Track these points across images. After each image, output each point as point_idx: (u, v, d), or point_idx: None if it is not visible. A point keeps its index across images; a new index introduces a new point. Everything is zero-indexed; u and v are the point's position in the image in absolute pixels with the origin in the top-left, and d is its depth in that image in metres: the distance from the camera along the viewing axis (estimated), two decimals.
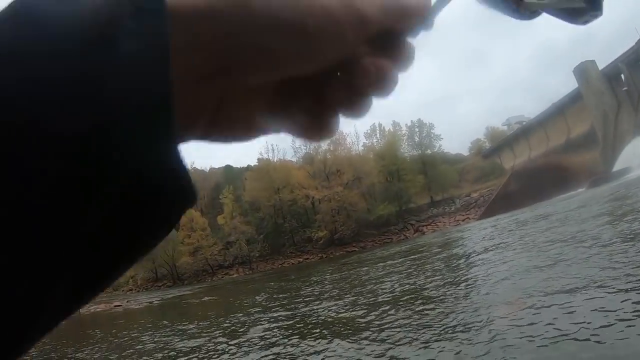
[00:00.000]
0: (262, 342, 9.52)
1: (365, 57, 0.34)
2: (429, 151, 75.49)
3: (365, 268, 23.15)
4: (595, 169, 51.24)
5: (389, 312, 9.55)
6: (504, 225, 27.52)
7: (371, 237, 62.35)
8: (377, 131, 76.02)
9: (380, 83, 0.35)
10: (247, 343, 9.86)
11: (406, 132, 75.88)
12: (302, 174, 69.71)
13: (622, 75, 54.71)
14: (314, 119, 0.35)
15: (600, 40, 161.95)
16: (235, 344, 10.05)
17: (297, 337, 9.33)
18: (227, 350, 9.60)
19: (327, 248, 62.20)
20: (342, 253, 57.45)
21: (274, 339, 9.63)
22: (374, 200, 67.16)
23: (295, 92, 0.35)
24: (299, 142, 50.95)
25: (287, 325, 11.05)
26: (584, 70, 57.73)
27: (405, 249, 30.81)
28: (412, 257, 22.84)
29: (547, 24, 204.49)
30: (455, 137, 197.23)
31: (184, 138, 0.33)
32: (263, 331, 10.86)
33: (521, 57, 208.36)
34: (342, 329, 9.04)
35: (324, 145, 72.72)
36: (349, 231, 62.52)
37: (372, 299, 11.83)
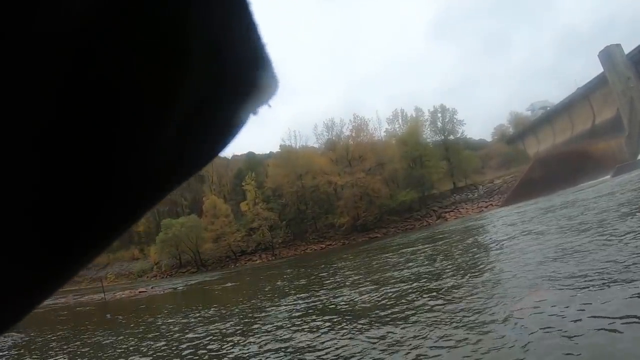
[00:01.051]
0: (281, 329, 9.69)
1: None
2: (451, 137, 74.94)
3: (388, 254, 23.25)
4: (621, 156, 50.37)
5: (410, 300, 9.67)
6: (528, 212, 27.36)
7: (393, 224, 62.29)
8: (400, 117, 75.74)
9: None
10: (266, 329, 10.05)
11: (429, 117, 75.41)
12: (324, 160, 69.73)
13: None
14: None
15: (624, 24, 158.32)
16: (255, 329, 10.25)
17: (317, 323, 9.49)
18: (245, 335, 9.80)
19: (349, 234, 62.32)
20: (364, 239, 57.58)
21: (293, 326, 9.80)
22: (396, 186, 67.09)
23: None
24: (321, 129, 51.03)
25: (307, 311, 11.22)
26: (609, 55, 56.58)
27: (427, 236, 30.84)
28: (435, 244, 22.88)
29: (567, 9, 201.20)
30: (479, 123, 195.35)
31: None
32: (283, 317, 11.05)
33: (543, 43, 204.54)
34: (362, 316, 9.17)
35: (346, 131, 72.77)
36: (372, 217, 62.51)
37: (394, 286, 11.94)
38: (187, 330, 12.06)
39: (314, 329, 9.01)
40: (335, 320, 9.43)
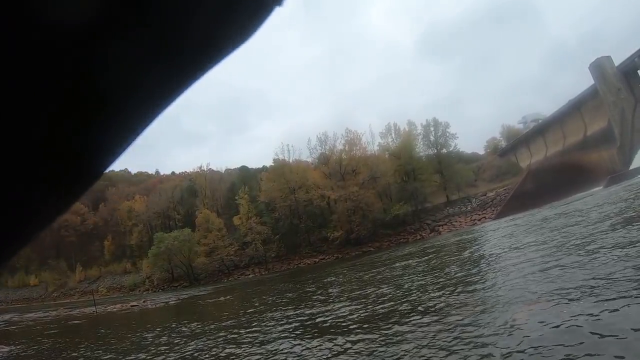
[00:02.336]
0: (270, 345, 9.57)
1: None
2: (444, 150, 75.14)
3: (381, 268, 23.16)
4: (613, 166, 50.66)
5: (403, 314, 9.58)
6: (521, 224, 27.39)
7: (387, 237, 62.22)
8: (392, 131, 75.83)
9: None
10: (255, 345, 9.92)
11: (421, 131, 75.58)
12: (317, 174, 69.79)
13: (639, 71, 54.06)
14: None
15: (610, 38, 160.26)
16: (245, 345, 10.12)
17: (309, 339, 9.37)
18: (234, 352, 9.66)
19: (343, 248, 62.14)
20: (358, 253, 57.38)
21: (284, 341, 9.68)
22: (389, 200, 67.11)
23: None
24: (314, 143, 51.01)
25: (298, 328, 11.10)
26: (599, 67, 57.06)
27: (421, 249, 30.78)
28: (428, 257, 22.82)
29: (554, 25, 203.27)
30: (470, 137, 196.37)
31: None
32: (273, 333, 10.92)
33: (531, 58, 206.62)
34: (353, 332, 9.06)
35: (340, 145, 72.89)
36: (365, 231, 62.36)
37: (387, 300, 11.84)
38: (176, 346, 11.89)
39: (304, 346, 8.89)
40: (325, 336, 9.33)
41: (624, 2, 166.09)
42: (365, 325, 9.29)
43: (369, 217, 62.51)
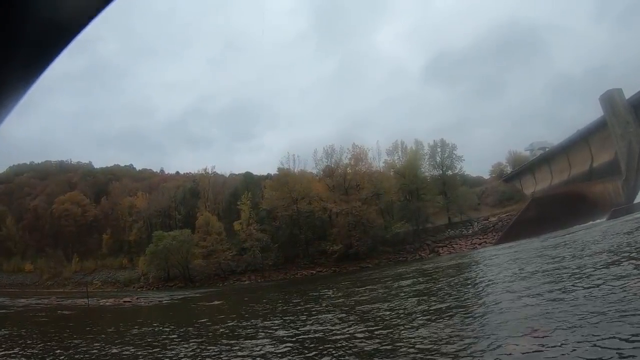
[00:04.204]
0: (263, 352, 9.47)
1: None
2: (449, 172, 75.13)
3: (378, 285, 23.07)
4: (617, 199, 50.49)
5: (396, 335, 9.47)
6: (522, 252, 27.27)
7: (386, 254, 62.05)
8: (399, 149, 75.83)
9: None
10: (246, 350, 9.82)
11: (428, 151, 75.60)
12: (321, 186, 69.79)
13: None
14: None
15: (617, 72, 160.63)
16: (233, 352, 10.01)
17: (295, 352, 9.27)
18: (224, 355, 9.56)
19: (341, 262, 61.91)
20: (355, 268, 57.23)
21: (272, 351, 9.58)
22: (391, 217, 67.07)
23: None
24: (320, 154, 51.05)
25: (285, 337, 11.01)
26: (609, 99, 56.95)
27: (419, 269, 30.67)
28: (426, 278, 22.73)
29: (560, 57, 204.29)
30: (473, 161, 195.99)
31: None
32: (262, 341, 10.82)
33: (537, 88, 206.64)
34: (343, 347, 8.95)
35: (345, 159, 72.93)
36: (364, 247, 62.17)
37: (380, 320, 11.75)
38: (162, 346, 11.79)
39: (290, 354, 8.80)
40: (313, 349, 9.22)
41: (631, 37, 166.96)
42: (352, 344, 9.19)
43: (370, 233, 62.35)
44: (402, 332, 9.55)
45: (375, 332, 9.98)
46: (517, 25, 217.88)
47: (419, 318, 10.77)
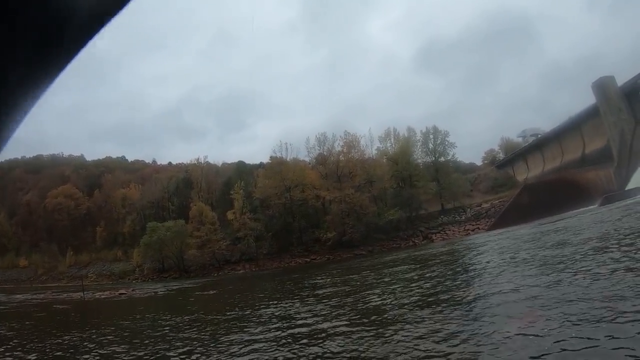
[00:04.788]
0: (258, 339, 9.53)
1: None
2: (442, 158, 75.27)
3: (372, 272, 23.14)
4: (609, 186, 50.79)
5: (387, 322, 9.54)
6: (514, 238, 27.43)
7: (379, 241, 62.12)
8: (392, 136, 75.84)
9: None
10: (242, 339, 9.88)
11: (420, 138, 75.69)
12: (314, 174, 69.75)
13: None
14: None
15: (609, 61, 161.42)
16: (228, 340, 10.07)
17: (287, 338, 9.34)
18: (219, 346, 9.61)
19: (334, 249, 61.99)
20: (349, 255, 57.39)
21: (270, 336, 9.65)
22: (384, 204, 67.05)
23: None
24: (312, 142, 50.98)
25: (280, 326, 11.06)
26: (602, 86, 57.14)
27: (413, 255, 30.77)
28: (419, 265, 22.81)
29: (551, 46, 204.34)
30: (469, 147, 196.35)
31: None
32: (256, 331, 10.88)
33: (528, 76, 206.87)
34: (339, 334, 9.02)
35: (338, 147, 72.90)
36: (358, 234, 62.25)
37: (373, 306, 11.82)
38: (159, 337, 11.84)
39: (280, 345, 8.87)
40: (304, 337, 9.29)
41: (623, 26, 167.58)
42: (347, 329, 9.26)
43: (363, 220, 62.41)
44: (394, 318, 9.61)
45: (368, 319, 10.06)
46: (508, 13, 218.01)
47: (412, 304, 10.85)
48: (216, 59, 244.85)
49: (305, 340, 8.82)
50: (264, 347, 8.83)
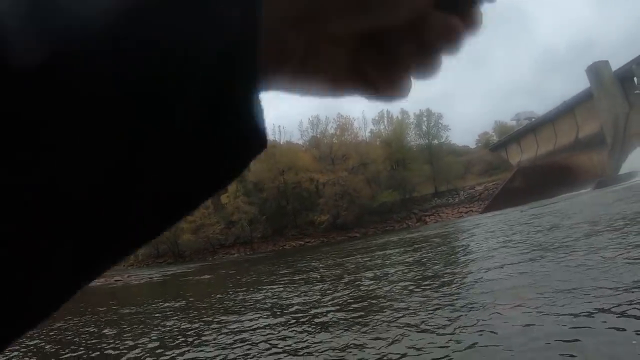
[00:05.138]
0: (252, 324, 9.55)
1: (435, 14, 0.34)
2: (435, 141, 75.41)
3: (365, 255, 23.17)
4: (602, 170, 51.10)
5: (383, 302, 9.57)
6: (507, 220, 27.53)
7: (373, 224, 62.37)
8: (385, 118, 75.94)
9: (451, 40, 0.36)
10: (237, 324, 9.90)
11: (414, 120, 75.73)
12: (307, 157, 69.74)
13: (635, 79, 54.23)
14: (388, 78, 0.35)
15: (601, 46, 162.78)
16: (224, 324, 10.09)
17: (283, 322, 9.35)
18: (214, 329, 9.63)
19: (328, 232, 62.23)
20: (343, 238, 57.59)
21: (263, 322, 9.66)
22: (378, 187, 67.16)
23: (372, 48, 0.34)
24: (306, 125, 50.89)
25: (276, 310, 11.07)
26: (596, 71, 57.25)
27: (407, 238, 30.86)
28: (413, 247, 22.84)
29: (546, 30, 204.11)
30: (463, 130, 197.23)
31: (269, 83, 0.33)
32: (255, 313, 10.90)
33: (522, 60, 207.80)
34: (332, 317, 9.04)
35: (331, 130, 72.80)
36: (352, 216, 62.42)
37: (366, 288, 11.83)
38: (155, 324, 11.85)
39: (277, 329, 8.88)
40: (300, 321, 9.30)
41: (615, 13, 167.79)
42: (340, 313, 9.28)
43: (356, 202, 62.55)
44: (386, 301, 9.64)
45: (361, 303, 10.08)
46: None
47: (403, 288, 10.86)
48: None
49: (296, 326, 8.84)
50: (256, 332, 8.84)
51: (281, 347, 7.49)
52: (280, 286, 15.87)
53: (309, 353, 6.95)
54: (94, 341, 10.54)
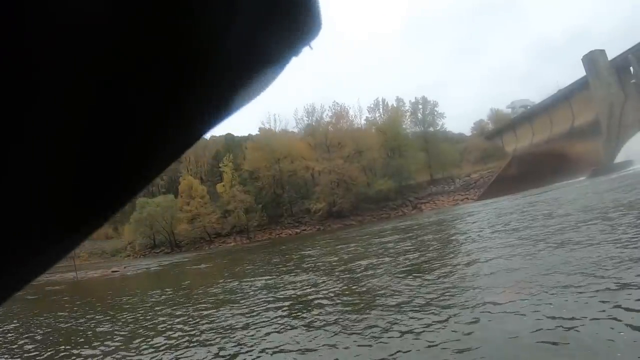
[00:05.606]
0: (250, 312, 9.61)
1: None
2: (431, 129, 75.45)
3: (361, 242, 23.27)
4: (597, 159, 51.25)
5: (378, 291, 9.62)
6: (502, 208, 27.67)
7: (369, 212, 62.50)
8: (381, 106, 75.88)
9: None
10: (235, 312, 9.96)
11: (409, 108, 75.73)
12: (303, 145, 69.73)
13: (631, 68, 54.30)
14: None
15: (596, 35, 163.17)
16: (224, 312, 10.15)
17: (282, 311, 9.41)
18: (215, 319, 9.69)
19: (324, 220, 62.33)
20: (339, 226, 57.71)
21: (261, 310, 9.72)
22: (373, 174, 67.26)
23: None
24: (301, 114, 51.05)
25: (273, 298, 11.12)
26: (592, 60, 57.31)
27: (402, 225, 30.96)
28: (409, 234, 22.95)
29: (539, 20, 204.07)
30: (458, 118, 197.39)
31: None
32: (250, 304, 10.94)
33: (516, 49, 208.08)
34: (327, 305, 9.10)
35: (327, 118, 72.75)
36: (348, 204, 62.52)
37: (363, 276, 11.89)
38: (155, 314, 11.91)
39: (277, 317, 8.95)
40: (298, 310, 9.37)
41: (611, 2, 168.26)
42: (335, 302, 9.35)
43: (352, 190, 62.67)
44: (381, 290, 9.68)
45: (356, 290, 10.14)
46: None
47: (398, 276, 10.92)
48: None
49: (290, 316, 8.90)
50: (250, 320, 8.90)
51: (275, 337, 7.55)
52: (276, 275, 15.94)
53: (303, 342, 7.01)
54: (96, 332, 10.60)
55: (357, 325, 7.43)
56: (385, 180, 64.35)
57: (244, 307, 10.62)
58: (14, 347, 10.11)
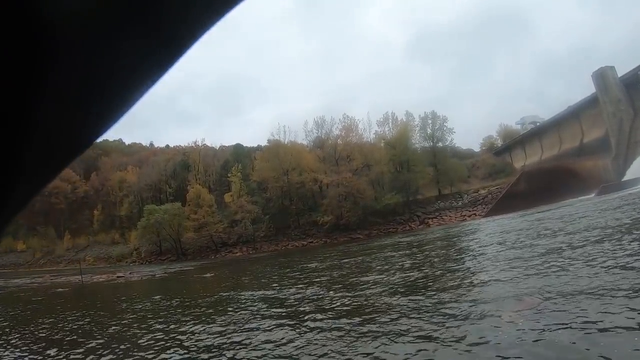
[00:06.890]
0: (252, 325, 9.60)
1: None
2: (440, 144, 75.29)
3: (368, 256, 23.23)
4: (606, 176, 50.92)
5: (383, 305, 9.59)
6: (510, 224, 27.53)
7: (376, 226, 62.23)
8: (390, 120, 75.78)
9: None
10: (235, 323, 9.95)
11: (419, 123, 75.61)
12: (312, 158, 69.81)
13: None
14: None
15: (603, 52, 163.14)
16: (225, 324, 10.14)
17: (284, 323, 9.39)
18: (215, 329, 9.68)
19: (331, 233, 62.13)
20: (346, 239, 57.52)
21: (264, 322, 9.71)
22: (381, 188, 67.08)
23: None
24: (311, 126, 51.25)
25: (276, 310, 11.10)
26: (602, 76, 57.09)
27: (409, 240, 30.88)
28: (416, 249, 22.90)
29: (548, 34, 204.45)
30: (467, 133, 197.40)
31: None
32: (253, 314, 10.94)
33: (523, 65, 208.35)
34: (332, 317, 9.07)
35: (336, 130, 72.86)
36: (355, 218, 62.28)
37: (369, 291, 11.86)
38: (158, 320, 11.92)
39: (276, 330, 8.93)
40: (300, 322, 9.34)
41: (615, 19, 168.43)
42: (339, 314, 9.32)
43: (360, 204, 62.43)
44: (386, 303, 9.66)
45: (361, 303, 10.11)
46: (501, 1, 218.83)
47: (404, 291, 10.90)
48: (211, 45, 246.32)
49: (293, 326, 8.88)
50: (252, 331, 8.90)
51: (275, 347, 7.54)
52: (281, 286, 15.91)
53: (305, 353, 7.00)
54: (100, 336, 10.61)
55: (360, 338, 7.41)
56: (393, 195, 64.15)
57: (244, 318, 10.62)
58: (16, 348, 10.13)
